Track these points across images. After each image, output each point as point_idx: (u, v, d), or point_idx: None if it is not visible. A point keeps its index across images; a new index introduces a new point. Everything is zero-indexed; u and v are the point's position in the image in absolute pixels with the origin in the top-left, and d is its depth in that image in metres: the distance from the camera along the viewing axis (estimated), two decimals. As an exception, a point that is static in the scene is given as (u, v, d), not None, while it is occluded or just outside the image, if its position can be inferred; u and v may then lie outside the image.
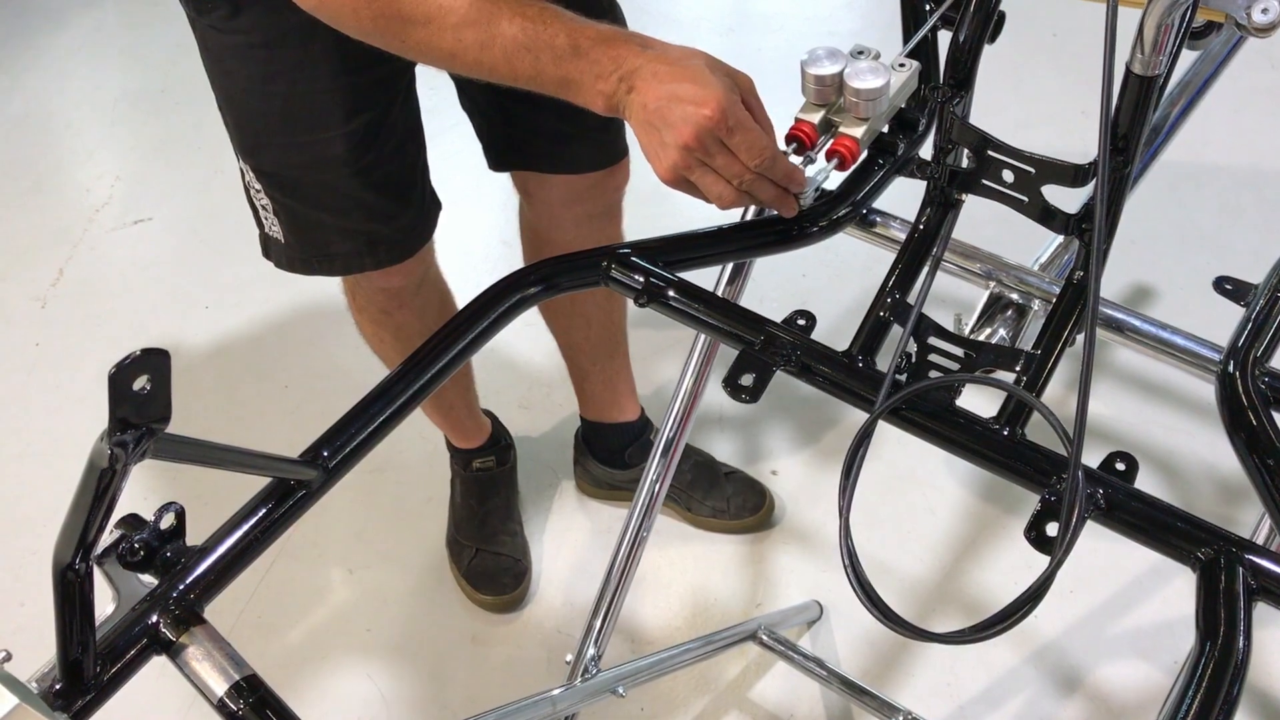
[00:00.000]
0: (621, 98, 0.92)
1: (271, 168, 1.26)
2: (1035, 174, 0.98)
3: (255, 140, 1.25)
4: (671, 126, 0.90)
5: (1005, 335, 1.12)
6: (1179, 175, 2.29)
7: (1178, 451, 1.86)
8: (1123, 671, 1.61)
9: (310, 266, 1.36)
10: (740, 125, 0.91)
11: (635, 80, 0.91)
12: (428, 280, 1.49)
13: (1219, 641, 0.73)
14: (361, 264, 1.35)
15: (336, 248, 1.33)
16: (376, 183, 1.28)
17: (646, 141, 0.93)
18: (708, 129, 0.89)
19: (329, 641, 1.76)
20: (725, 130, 0.90)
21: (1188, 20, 0.85)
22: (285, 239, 1.33)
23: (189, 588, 0.78)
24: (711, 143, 0.90)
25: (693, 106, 0.89)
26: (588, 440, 1.88)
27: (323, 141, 1.22)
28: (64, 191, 2.67)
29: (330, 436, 0.88)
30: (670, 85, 0.89)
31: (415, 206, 1.35)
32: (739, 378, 0.94)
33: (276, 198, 1.29)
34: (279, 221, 1.32)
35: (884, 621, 0.83)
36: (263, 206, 1.32)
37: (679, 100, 0.89)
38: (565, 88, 0.94)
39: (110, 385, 0.60)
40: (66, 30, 3.15)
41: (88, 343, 2.27)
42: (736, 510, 1.81)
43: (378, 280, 1.40)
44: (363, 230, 1.32)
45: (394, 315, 1.48)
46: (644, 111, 0.91)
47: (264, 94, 1.20)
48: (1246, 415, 0.90)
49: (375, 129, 1.24)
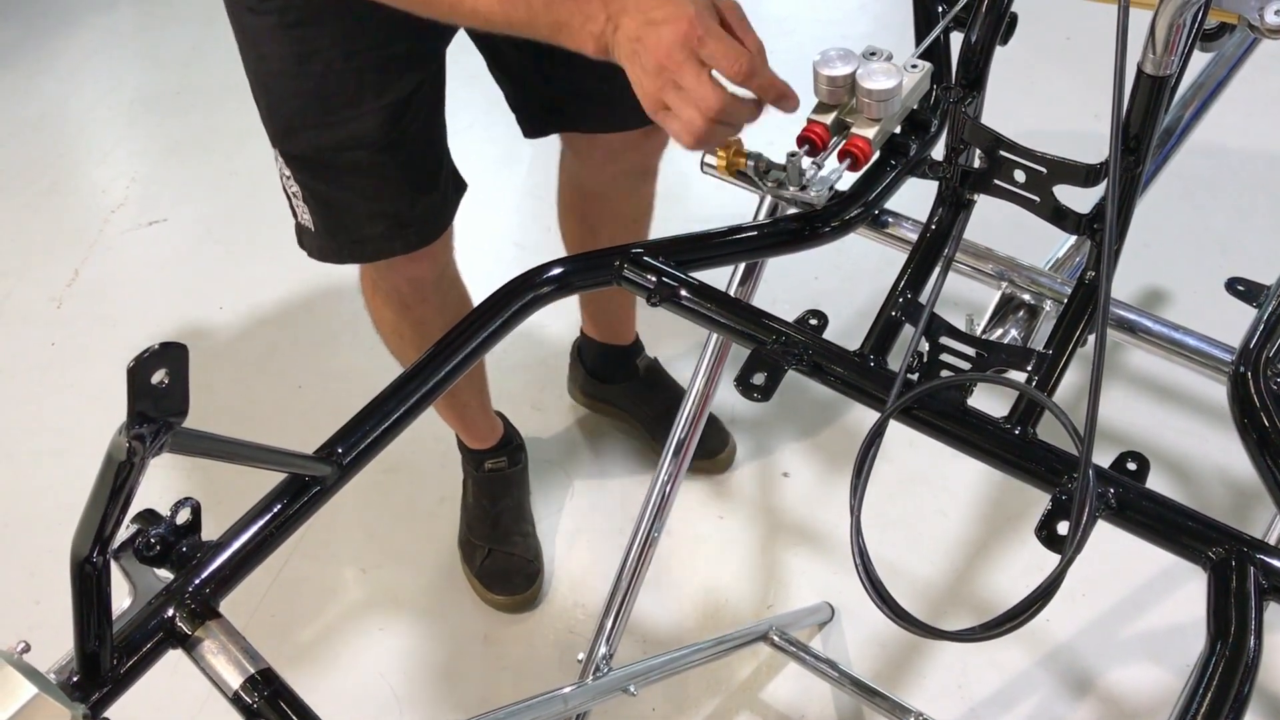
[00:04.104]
0: (609, 37, 0.92)
1: (302, 151, 1.28)
2: (1047, 174, 0.98)
3: (288, 124, 1.26)
4: (648, 50, 0.89)
5: (1017, 336, 1.12)
6: (1192, 178, 2.28)
7: (1189, 452, 1.86)
8: (1134, 674, 1.61)
9: (341, 254, 1.37)
10: (711, 34, 0.89)
11: (621, 18, 0.91)
12: (447, 275, 1.51)
13: (1230, 641, 0.73)
14: (391, 247, 1.36)
15: (366, 231, 1.34)
16: (404, 160, 1.29)
17: (631, 73, 0.92)
18: (678, 43, 0.88)
19: (342, 640, 1.76)
20: (697, 40, 0.88)
21: (1200, 21, 0.85)
22: (316, 227, 1.35)
23: (205, 582, 0.79)
24: (684, 58, 0.89)
25: (665, 25, 0.88)
26: (581, 351, 1.97)
27: (355, 119, 1.23)
28: (80, 192, 2.69)
29: (345, 433, 0.89)
30: (648, 13, 0.89)
31: (441, 184, 1.37)
32: (751, 377, 0.95)
33: (306, 183, 1.30)
34: (309, 209, 1.33)
35: (894, 619, 0.83)
36: (294, 195, 1.33)
37: (654, 24, 0.89)
38: (558, 32, 0.94)
39: (129, 379, 0.60)
40: (82, 32, 3.17)
41: (103, 343, 2.29)
42: (696, 451, 1.82)
43: (402, 270, 1.41)
44: (391, 211, 1.33)
45: (414, 309, 1.50)
46: (627, 43, 0.90)
47: (299, 74, 1.21)
48: (1259, 416, 0.90)
49: (405, 105, 1.26)
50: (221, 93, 2.88)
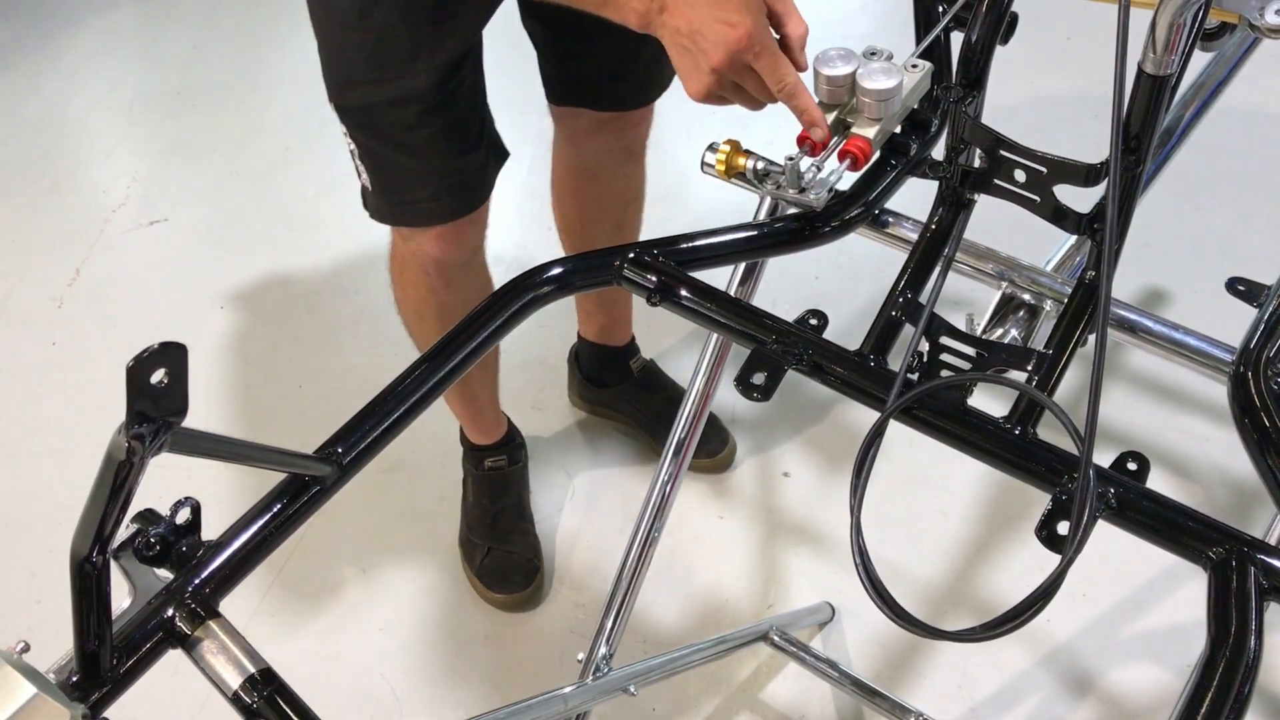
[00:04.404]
0: (654, 17, 0.98)
1: (355, 104, 1.30)
2: (1048, 173, 0.98)
3: (344, 77, 1.29)
4: (703, 51, 0.96)
5: (1017, 336, 1.12)
6: (1193, 179, 2.28)
7: (1190, 452, 1.86)
8: (1134, 674, 1.61)
9: (395, 215, 1.41)
10: (766, 50, 0.97)
11: (667, 1, 0.97)
12: (475, 263, 1.53)
13: (1230, 641, 0.73)
14: (441, 211, 1.39)
15: (418, 193, 1.37)
16: (451, 121, 1.32)
17: (680, 63, 0.99)
18: (736, 53, 0.95)
19: (342, 639, 1.76)
20: (752, 55, 0.96)
21: (1200, 20, 0.85)
22: (373, 185, 1.38)
23: (204, 582, 0.79)
24: (741, 66, 0.97)
25: (723, 29, 0.95)
26: (578, 356, 1.98)
27: (408, 77, 1.26)
28: (81, 192, 2.69)
29: (345, 432, 0.89)
30: (702, 10, 0.95)
31: (484, 146, 1.40)
32: (751, 376, 0.94)
33: (360, 140, 1.34)
34: (365, 168, 1.37)
35: (895, 619, 0.83)
36: (352, 152, 1.37)
37: (710, 25, 0.95)
38: (604, 5, 1.00)
39: (128, 378, 0.60)
40: (83, 32, 3.17)
41: (103, 343, 2.29)
42: (696, 451, 1.83)
43: (434, 247, 1.43)
44: (438, 170, 1.35)
45: (439, 294, 1.51)
46: (676, 35, 0.97)
47: (359, 28, 1.23)
48: (1259, 416, 0.90)
49: (457, 64, 1.28)
50: (222, 93, 2.88)
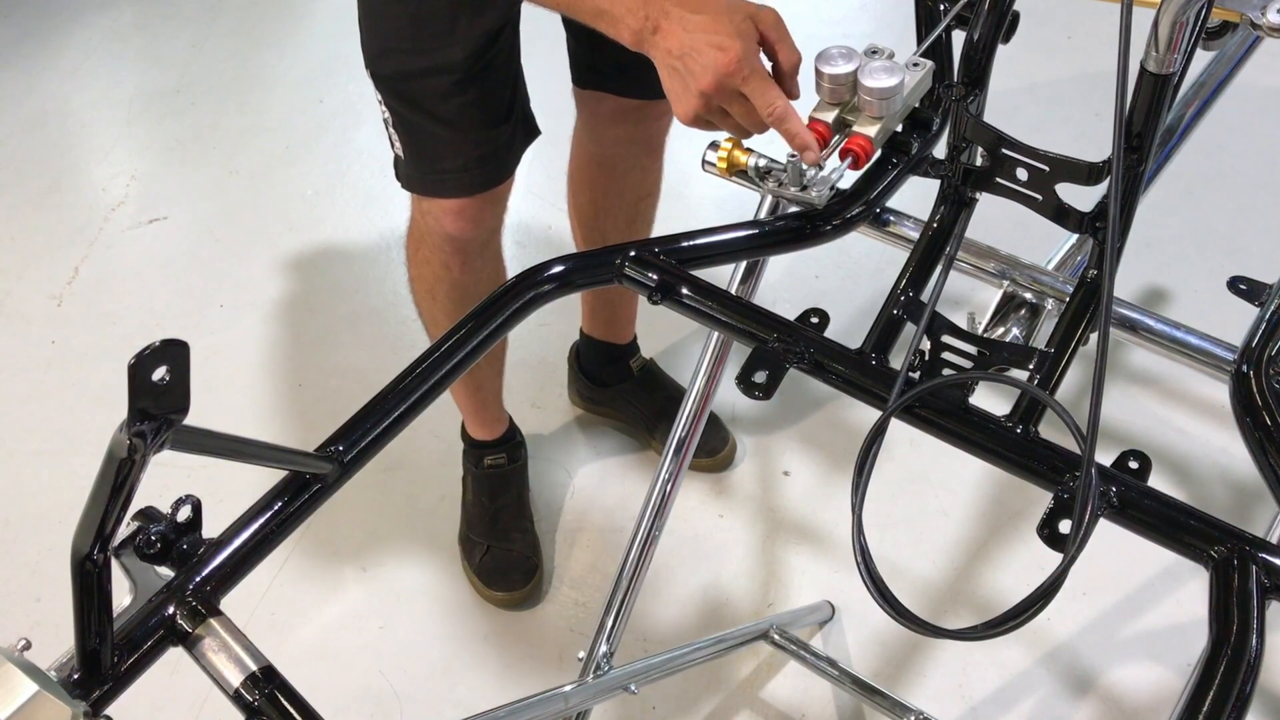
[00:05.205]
0: (646, 36, 0.99)
1: (390, 72, 1.32)
2: (1050, 172, 0.98)
3: (381, 46, 1.31)
4: (693, 74, 0.97)
5: (1019, 334, 1.12)
6: (1195, 177, 2.28)
7: (1191, 451, 1.86)
8: (1135, 673, 1.61)
9: (425, 185, 1.42)
10: (755, 75, 0.97)
11: (660, 21, 0.97)
12: (491, 246, 1.54)
13: (1232, 639, 0.73)
14: (470, 183, 1.40)
15: (448, 163, 1.38)
16: (486, 91, 1.33)
17: (669, 85, 1.00)
18: (725, 76, 0.96)
19: (342, 638, 1.76)
20: (741, 79, 0.96)
21: (1202, 19, 0.85)
22: (406, 154, 1.40)
23: (205, 580, 0.79)
24: (730, 91, 0.97)
25: (714, 53, 0.95)
26: (579, 355, 1.97)
27: (446, 47, 1.27)
28: (80, 190, 2.69)
29: (345, 430, 0.88)
30: (694, 34, 0.96)
31: (515, 120, 1.41)
32: (752, 375, 0.94)
33: (394, 107, 1.35)
34: (398, 136, 1.38)
35: (896, 617, 0.83)
36: (386, 120, 1.38)
37: (700, 49, 0.95)
38: (599, 18, 1.01)
39: (130, 376, 0.60)
40: (83, 30, 3.17)
41: (103, 341, 2.29)
42: (696, 450, 1.83)
43: (454, 224, 1.43)
44: (469, 140, 1.36)
45: (453, 272, 1.51)
46: (668, 56, 0.98)
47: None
48: (1260, 415, 0.90)
49: (494, 37, 1.29)
50: (221, 91, 2.88)
